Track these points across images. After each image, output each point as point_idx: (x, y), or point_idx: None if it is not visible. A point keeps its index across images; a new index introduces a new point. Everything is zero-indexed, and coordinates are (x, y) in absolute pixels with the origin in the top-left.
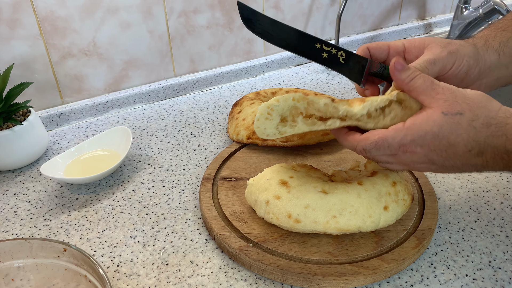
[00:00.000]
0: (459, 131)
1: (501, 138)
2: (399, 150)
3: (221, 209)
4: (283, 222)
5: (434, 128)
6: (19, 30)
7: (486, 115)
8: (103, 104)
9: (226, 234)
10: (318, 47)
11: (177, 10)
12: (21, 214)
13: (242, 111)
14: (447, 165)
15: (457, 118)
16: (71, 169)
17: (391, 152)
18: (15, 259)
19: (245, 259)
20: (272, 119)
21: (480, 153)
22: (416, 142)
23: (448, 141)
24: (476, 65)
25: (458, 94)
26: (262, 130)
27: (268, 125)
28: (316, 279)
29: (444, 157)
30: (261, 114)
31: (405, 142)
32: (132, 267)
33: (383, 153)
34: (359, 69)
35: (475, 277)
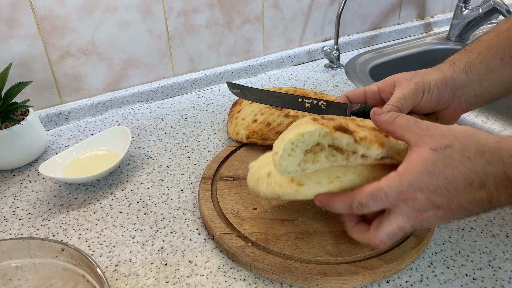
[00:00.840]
0: (454, 164)
1: (498, 164)
2: (399, 199)
3: (220, 208)
4: (286, 188)
5: (428, 167)
6: (18, 29)
7: (476, 143)
8: (102, 104)
9: (225, 233)
10: (300, 101)
11: (176, 9)
12: (20, 214)
13: (242, 111)
14: (453, 206)
15: (447, 151)
16: (70, 169)
17: (390, 203)
18: (13, 259)
19: (243, 259)
20: (295, 155)
21: (482, 184)
22: (414, 186)
23: (446, 177)
24: (446, 86)
25: (443, 128)
26: (284, 167)
27: (290, 162)
28: (315, 278)
29: (447, 197)
30: (285, 151)
31: (402, 188)
32: (130, 267)
33: (381, 205)
34: (341, 112)
35: (475, 277)
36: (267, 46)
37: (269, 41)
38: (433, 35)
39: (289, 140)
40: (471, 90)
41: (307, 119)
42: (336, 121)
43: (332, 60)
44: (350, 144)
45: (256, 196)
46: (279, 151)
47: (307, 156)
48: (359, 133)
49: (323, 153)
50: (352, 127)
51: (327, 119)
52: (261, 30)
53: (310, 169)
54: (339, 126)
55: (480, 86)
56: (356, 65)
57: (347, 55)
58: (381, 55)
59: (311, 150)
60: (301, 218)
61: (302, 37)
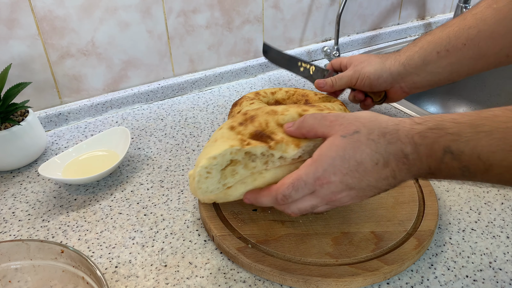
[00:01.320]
0: (361, 148)
1: (396, 143)
2: (316, 185)
3: (220, 209)
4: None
5: (339, 152)
6: (17, 30)
7: (379, 127)
8: (102, 104)
9: (225, 235)
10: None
11: (176, 10)
12: (19, 215)
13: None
14: (363, 186)
15: (355, 137)
16: (70, 170)
17: (310, 189)
18: (12, 261)
19: (243, 260)
20: (212, 177)
21: (385, 163)
22: (328, 171)
23: (356, 160)
24: (378, 78)
25: (349, 117)
26: (204, 189)
27: (209, 183)
28: (315, 280)
29: (358, 178)
30: (200, 176)
31: (318, 174)
32: (130, 268)
33: (303, 193)
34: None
35: (476, 278)
36: None
37: (269, 41)
38: None
39: (202, 166)
40: (409, 79)
41: (224, 131)
42: (254, 123)
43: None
44: (264, 152)
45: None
46: (195, 177)
47: (226, 172)
48: (277, 135)
49: (240, 165)
50: (271, 127)
51: (245, 125)
52: (261, 31)
53: (231, 182)
54: (255, 133)
55: (418, 76)
56: None
57: (347, 55)
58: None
59: (228, 165)
60: (301, 220)
61: (302, 38)
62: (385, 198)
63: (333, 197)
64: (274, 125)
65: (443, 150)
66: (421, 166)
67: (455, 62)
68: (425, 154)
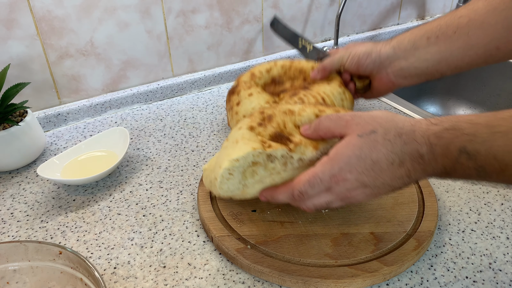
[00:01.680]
0: (377, 147)
1: (412, 144)
2: (332, 182)
3: (219, 210)
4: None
5: (356, 151)
6: (16, 30)
7: (395, 127)
8: (101, 105)
9: (224, 235)
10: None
11: (175, 10)
12: (18, 216)
13: (241, 104)
14: (378, 184)
15: (372, 136)
16: (69, 170)
17: (325, 186)
18: (10, 262)
19: (242, 261)
20: (234, 178)
21: (401, 163)
22: (344, 169)
23: (371, 159)
24: (367, 57)
25: (365, 116)
26: (225, 190)
27: (231, 184)
28: (314, 281)
29: (373, 177)
30: (223, 177)
31: (334, 172)
32: (129, 270)
33: (319, 190)
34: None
35: (476, 279)
36: (266, 47)
37: (268, 41)
38: None
39: (225, 168)
40: (397, 63)
41: (244, 132)
42: (273, 123)
43: None
44: (284, 155)
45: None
46: (218, 178)
47: (246, 173)
48: (295, 137)
49: (261, 166)
50: (289, 128)
51: (264, 126)
52: (261, 31)
53: (251, 183)
54: (275, 134)
55: (406, 60)
56: None
57: None
58: None
59: (248, 167)
60: (301, 220)
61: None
62: (384, 198)
63: (348, 194)
64: (292, 126)
65: (459, 151)
66: (436, 166)
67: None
68: (440, 154)
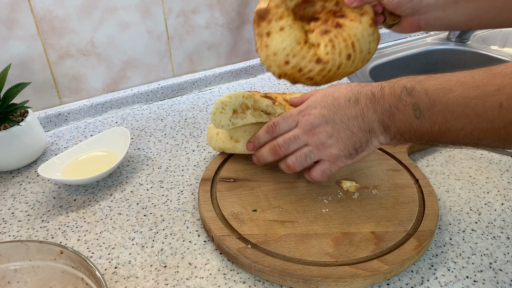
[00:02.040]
0: (339, 89)
1: (367, 87)
2: (299, 116)
3: (220, 210)
4: (227, 144)
5: (322, 92)
6: (17, 30)
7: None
8: (102, 105)
9: (224, 235)
10: None
11: (176, 10)
12: (19, 216)
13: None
14: (337, 120)
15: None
16: (69, 170)
17: (294, 120)
18: (11, 262)
19: (243, 261)
20: (225, 112)
21: (356, 101)
22: (311, 106)
23: (333, 96)
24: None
25: None
26: (218, 122)
27: (222, 117)
28: (315, 280)
29: (332, 111)
30: (217, 109)
31: (302, 108)
32: (130, 269)
33: (288, 124)
34: None
35: (476, 279)
36: None
37: None
38: (433, 35)
39: (220, 101)
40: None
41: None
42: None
43: None
44: (269, 105)
45: (256, 197)
46: (213, 109)
47: (237, 114)
48: (279, 99)
49: (249, 111)
50: (278, 98)
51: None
52: None
53: (239, 123)
54: (265, 95)
55: (444, 11)
56: None
57: None
58: (381, 55)
59: (239, 108)
60: (301, 220)
61: None
62: (385, 198)
63: (313, 130)
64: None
65: (401, 88)
66: (384, 104)
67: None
68: (388, 93)
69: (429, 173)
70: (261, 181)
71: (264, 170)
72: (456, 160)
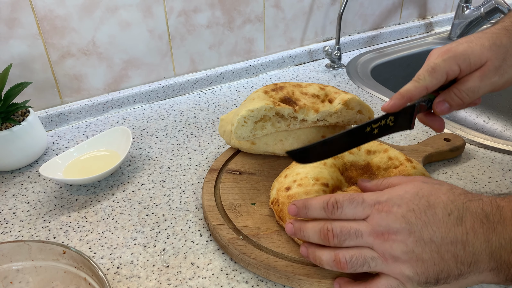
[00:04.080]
0: (438, 193)
1: (477, 202)
2: (374, 209)
3: (220, 200)
4: (243, 144)
5: (414, 188)
6: (18, 29)
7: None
8: (103, 104)
9: (219, 224)
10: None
11: (177, 9)
12: (20, 216)
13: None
14: (425, 237)
15: (437, 185)
16: (71, 170)
17: (364, 210)
18: (13, 262)
19: (232, 251)
20: (247, 126)
21: (459, 219)
22: (394, 200)
23: (428, 201)
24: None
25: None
26: (239, 135)
27: (244, 130)
28: (297, 278)
29: (423, 221)
30: (239, 123)
31: (381, 199)
32: (132, 269)
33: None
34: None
35: None
36: (268, 46)
37: (270, 41)
38: (435, 35)
39: (241, 115)
40: None
41: (259, 93)
42: (284, 90)
43: (334, 60)
44: (290, 113)
45: (257, 191)
46: (234, 123)
47: (257, 125)
48: (300, 101)
49: (269, 122)
50: (297, 95)
51: (276, 91)
52: (262, 30)
53: (260, 135)
54: (284, 98)
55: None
56: (358, 65)
57: (348, 55)
58: (382, 55)
59: (260, 120)
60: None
61: (303, 37)
62: None
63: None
64: (299, 93)
65: None
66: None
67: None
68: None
69: (431, 172)
70: (265, 176)
71: (271, 166)
72: (458, 160)
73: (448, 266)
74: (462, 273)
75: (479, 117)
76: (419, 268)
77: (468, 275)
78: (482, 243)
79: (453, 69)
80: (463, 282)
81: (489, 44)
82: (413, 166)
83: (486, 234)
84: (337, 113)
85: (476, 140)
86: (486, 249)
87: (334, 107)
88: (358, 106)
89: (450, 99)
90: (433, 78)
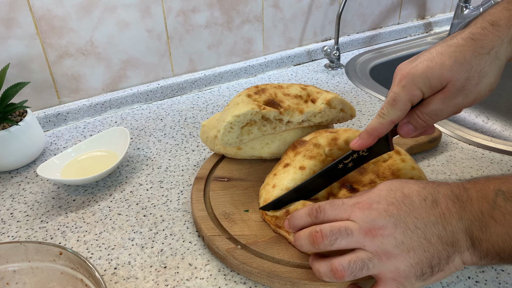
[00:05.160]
0: (409, 184)
1: (446, 186)
2: (354, 207)
3: (212, 209)
4: (228, 150)
5: (387, 185)
6: (16, 29)
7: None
8: (101, 104)
9: (215, 235)
10: (341, 167)
11: (176, 9)
12: (18, 216)
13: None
14: (410, 224)
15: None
16: (68, 170)
17: (346, 211)
18: (10, 263)
19: (232, 261)
20: (234, 132)
21: (434, 202)
22: (372, 199)
23: (403, 192)
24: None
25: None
26: (225, 141)
27: (230, 136)
28: (303, 284)
29: (404, 211)
30: (225, 129)
31: (359, 200)
32: (129, 270)
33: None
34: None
35: (478, 280)
36: (267, 46)
37: (269, 41)
38: (434, 34)
39: (228, 121)
40: None
41: (243, 98)
42: (266, 92)
43: (332, 60)
44: (276, 115)
45: (249, 197)
46: (221, 129)
47: (243, 130)
48: (284, 103)
49: (256, 126)
50: (279, 97)
51: (259, 93)
52: (261, 30)
53: (246, 140)
54: (268, 100)
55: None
56: (357, 65)
57: (347, 55)
58: (381, 55)
59: (246, 125)
60: None
61: (302, 37)
62: None
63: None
64: (282, 95)
65: (495, 192)
66: (472, 210)
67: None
68: (476, 196)
69: (430, 173)
70: (255, 181)
71: (259, 170)
72: (457, 160)
73: (437, 249)
74: (449, 255)
75: (478, 117)
76: (412, 259)
77: (454, 256)
78: (458, 222)
79: (414, 94)
80: (451, 266)
81: (450, 64)
82: (402, 159)
83: (458, 212)
84: (321, 113)
85: (475, 140)
86: (462, 227)
87: (317, 107)
88: (340, 105)
89: (414, 122)
90: (397, 110)
